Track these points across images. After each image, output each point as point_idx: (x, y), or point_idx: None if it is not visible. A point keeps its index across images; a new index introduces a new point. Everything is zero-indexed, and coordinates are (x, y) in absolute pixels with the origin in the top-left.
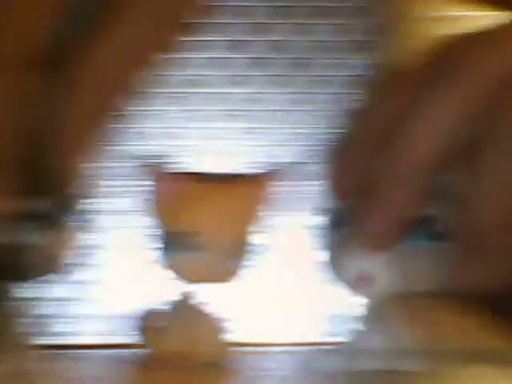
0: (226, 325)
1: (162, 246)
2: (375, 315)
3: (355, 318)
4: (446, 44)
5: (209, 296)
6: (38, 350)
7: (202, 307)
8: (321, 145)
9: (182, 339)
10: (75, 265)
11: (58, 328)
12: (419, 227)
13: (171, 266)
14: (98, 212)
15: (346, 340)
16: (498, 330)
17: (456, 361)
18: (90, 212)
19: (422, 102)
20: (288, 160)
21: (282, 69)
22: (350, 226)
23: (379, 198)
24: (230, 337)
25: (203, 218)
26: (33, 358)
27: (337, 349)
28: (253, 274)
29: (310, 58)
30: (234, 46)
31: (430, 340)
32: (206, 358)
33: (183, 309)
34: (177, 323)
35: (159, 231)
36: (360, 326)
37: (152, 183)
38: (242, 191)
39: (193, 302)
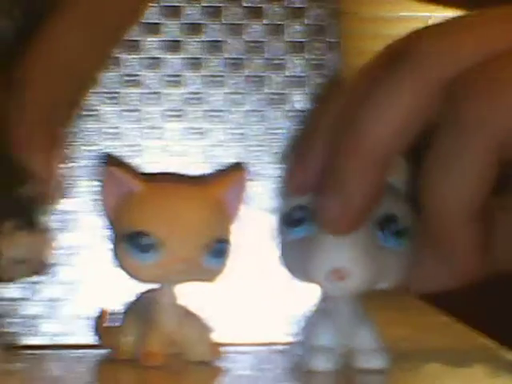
0: (213, 324)
1: (113, 246)
2: (328, 313)
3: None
4: (399, 40)
5: (184, 295)
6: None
7: (187, 307)
8: (263, 145)
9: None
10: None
11: (14, 328)
12: (383, 226)
13: (123, 266)
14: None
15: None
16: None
17: (412, 360)
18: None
19: (375, 94)
20: (231, 160)
21: (218, 69)
22: (311, 222)
23: (335, 184)
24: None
25: (154, 217)
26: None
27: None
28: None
29: (243, 59)
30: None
31: (386, 339)
32: (196, 358)
33: (166, 308)
34: (132, 323)
35: (111, 231)
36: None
37: (103, 182)
38: (204, 192)
39: (176, 301)
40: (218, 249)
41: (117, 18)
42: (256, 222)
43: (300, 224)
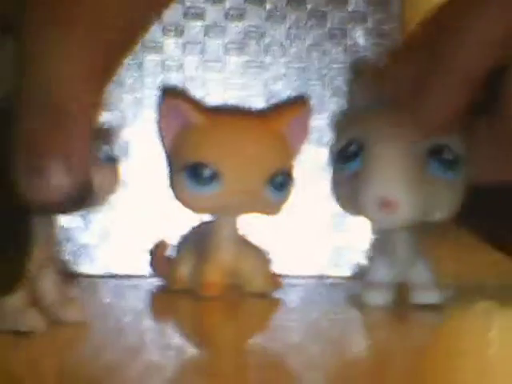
0: (271, 256)
1: (171, 177)
2: (383, 249)
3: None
4: None
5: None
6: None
7: (246, 238)
8: (324, 79)
9: (202, 270)
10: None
11: (71, 256)
12: (434, 155)
13: (180, 197)
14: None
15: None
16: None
17: (465, 296)
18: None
19: (472, 14)
20: (292, 94)
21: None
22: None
23: (434, 88)
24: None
25: (214, 149)
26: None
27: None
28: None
29: None
30: None
31: (442, 274)
32: (256, 289)
33: (225, 239)
34: (189, 254)
35: (169, 163)
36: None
37: (163, 114)
38: (265, 125)
39: (236, 232)
40: (280, 181)
41: None
42: (314, 156)
43: (353, 159)
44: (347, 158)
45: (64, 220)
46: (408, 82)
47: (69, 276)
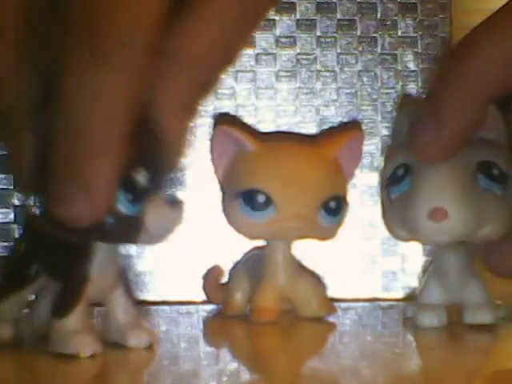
0: (326, 280)
1: (225, 204)
2: (436, 269)
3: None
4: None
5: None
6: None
7: (301, 263)
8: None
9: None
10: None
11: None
12: (482, 170)
13: (235, 224)
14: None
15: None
16: None
17: None
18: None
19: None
20: (343, 119)
21: (331, 29)
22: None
23: (446, 112)
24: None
25: (268, 176)
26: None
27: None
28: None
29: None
30: None
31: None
32: (311, 314)
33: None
34: (242, 279)
35: (223, 190)
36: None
37: (217, 141)
38: (318, 150)
39: (290, 257)
40: (333, 207)
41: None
42: (367, 181)
43: (400, 181)
44: (395, 181)
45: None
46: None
47: (136, 302)
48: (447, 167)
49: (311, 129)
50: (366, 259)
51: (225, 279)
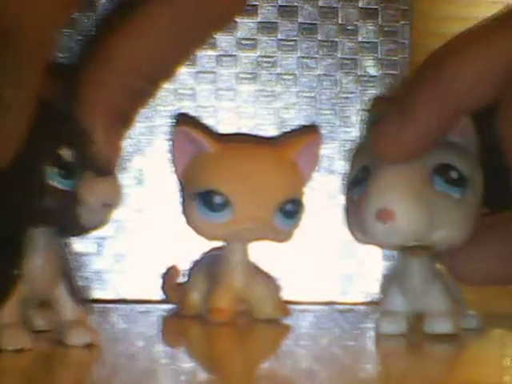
0: (281, 282)
1: (183, 204)
2: (399, 276)
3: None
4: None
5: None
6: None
7: (256, 264)
8: (334, 108)
9: (213, 296)
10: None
11: (84, 282)
12: (439, 172)
13: (192, 224)
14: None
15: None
16: None
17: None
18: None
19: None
20: (303, 123)
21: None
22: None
23: (413, 115)
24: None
25: (226, 177)
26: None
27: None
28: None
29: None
30: None
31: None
32: (265, 316)
33: (235, 265)
34: (200, 280)
35: (181, 190)
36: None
37: (176, 142)
38: (276, 153)
39: (246, 259)
40: (290, 209)
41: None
42: (325, 184)
43: (360, 183)
44: (356, 183)
45: (77, 246)
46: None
47: (82, 300)
48: (402, 168)
49: (271, 131)
50: (323, 262)
51: (183, 279)
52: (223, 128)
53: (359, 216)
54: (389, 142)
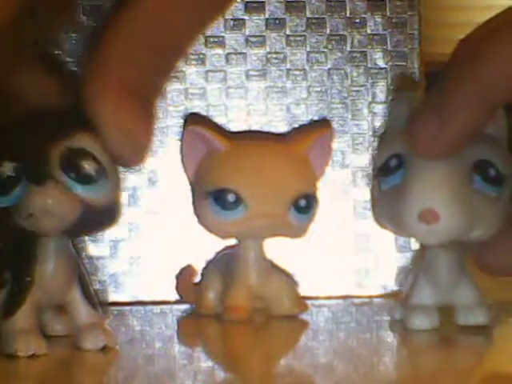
0: (298, 278)
1: (195, 204)
2: (426, 269)
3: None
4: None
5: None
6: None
7: (272, 261)
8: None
9: (229, 294)
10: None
11: (99, 286)
12: (478, 170)
13: (205, 223)
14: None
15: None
16: None
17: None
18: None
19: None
20: (312, 117)
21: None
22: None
23: (453, 109)
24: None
25: (238, 175)
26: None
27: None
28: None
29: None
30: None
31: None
32: (282, 312)
33: (251, 262)
34: (215, 278)
35: (193, 189)
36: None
37: (187, 141)
38: (288, 149)
39: (262, 256)
40: (304, 205)
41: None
42: (338, 178)
43: (393, 173)
44: (387, 172)
45: (92, 249)
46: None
47: (97, 304)
48: (442, 165)
49: (282, 127)
50: (338, 256)
51: (197, 279)
52: (234, 126)
53: (395, 210)
54: (428, 143)
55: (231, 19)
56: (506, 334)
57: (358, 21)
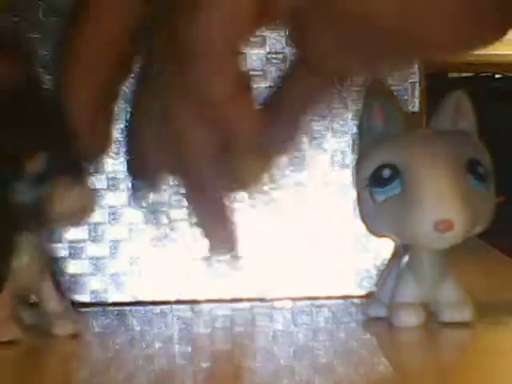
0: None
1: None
2: (410, 268)
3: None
4: None
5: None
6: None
7: None
8: None
9: None
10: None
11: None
12: (471, 170)
13: None
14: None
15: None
16: None
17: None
18: None
19: None
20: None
21: None
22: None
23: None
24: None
25: None
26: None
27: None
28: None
29: None
30: None
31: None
32: None
33: None
34: None
35: None
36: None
37: None
38: None
39: None
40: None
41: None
42: (338, 179)
43: (390, 182)
44: (381, 182)
45: (92, 250)
46: None
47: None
48: (443, 172)
49: None
50: (338, 256)
51: None
52: None
53: (401, 220)
54: None
55: None
56: (488, 331)
57: None
